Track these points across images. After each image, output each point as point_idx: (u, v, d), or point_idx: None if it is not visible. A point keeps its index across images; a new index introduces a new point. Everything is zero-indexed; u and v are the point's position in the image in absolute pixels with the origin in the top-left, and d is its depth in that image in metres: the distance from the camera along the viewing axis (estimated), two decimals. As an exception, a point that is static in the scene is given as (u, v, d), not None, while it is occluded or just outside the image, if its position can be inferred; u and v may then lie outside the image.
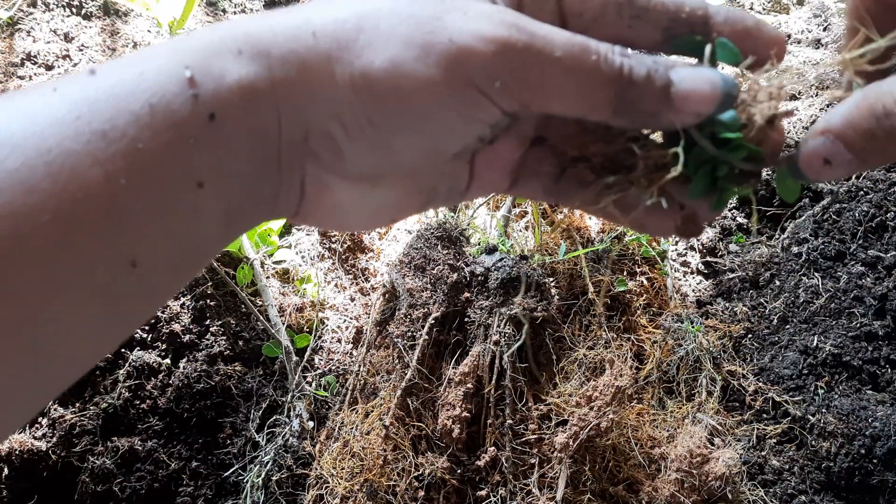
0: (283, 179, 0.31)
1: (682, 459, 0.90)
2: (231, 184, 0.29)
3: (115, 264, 0.25)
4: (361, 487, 0.86)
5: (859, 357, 1.03)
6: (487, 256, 0.99)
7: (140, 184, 0.26)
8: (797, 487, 0.95)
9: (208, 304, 1.09)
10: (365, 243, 1.28)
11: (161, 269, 0.27)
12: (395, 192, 0.34)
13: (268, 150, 0.30)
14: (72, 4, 1.52)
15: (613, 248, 1.17)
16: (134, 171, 0.25)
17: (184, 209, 0.27)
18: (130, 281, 0.26)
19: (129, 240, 0.26)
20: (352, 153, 0.31)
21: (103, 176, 0.25)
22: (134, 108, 0.26)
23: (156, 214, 0.26)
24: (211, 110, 0.27)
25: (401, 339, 0.93)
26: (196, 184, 0.27)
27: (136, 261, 0.26)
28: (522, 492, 0.87)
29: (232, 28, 0.29)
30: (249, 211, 0.31)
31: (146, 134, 0.26)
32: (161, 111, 0.26)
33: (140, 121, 0.26)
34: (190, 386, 1.00)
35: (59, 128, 0.25)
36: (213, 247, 0.31)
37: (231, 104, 0.28)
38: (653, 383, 1.05)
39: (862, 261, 1.12)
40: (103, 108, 0.25)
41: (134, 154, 0.25)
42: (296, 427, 0.99)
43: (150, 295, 0.28)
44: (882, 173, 1.23)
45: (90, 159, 0.24)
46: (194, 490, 0.96)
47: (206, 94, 0.27)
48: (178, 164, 0.27)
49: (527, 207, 1.28)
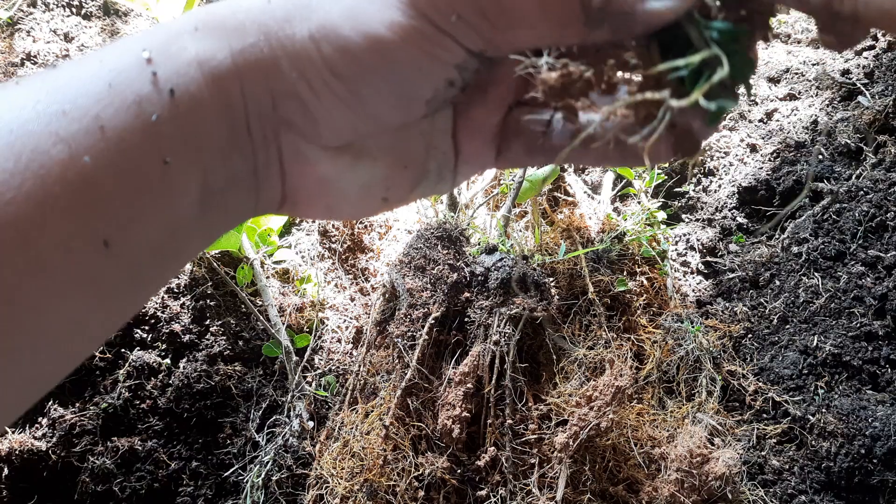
0: (258, 152, 0.31)
1: (682, 459, 0.90)
2: (201, 159, 0.28)
3: (89, 243, 0.25)
4: (361, 487, 0.86)
5: (859, 357, 1.03)
6: (487, 256, 0.99)
7: (106, 161, 0.25)
8: (797, 487, 0.95)
9: (208, 304, 1.09)
10: (365, 243, 1.28)
11: (137, 249, 0.27)
12: (381, 168, 0.34)
13: (235, 121, 0.29)
14: (72, 4, 1.52)
15: (613, 248, 1.17)
16: (98, 149, 0.25)
17: (152, 187, 0.27)
18: (108, 262, 0.26)
19: (100, 218, 0.25)
20: (323, 112, 0.30)
21: (67, 153, 0.25)
22: (94, 89, 0.26)
23: (124, 193, 0.26)
24: (170, 86, 0.27)
25: (401, 338, 0.93)
26: (162, 160, 0.27)
27: (109, 240, 0.26)
28: (522, 492, 0.87)
29: (193, 12, 0.30)
30: (228, 190, 0.30)
31: (108, 112, 0.26)
32: (121, 90, 0.26)
33: (101, 100, 0.26)
34: (190, 386, 1.00)
35: (19, 112, 0.25)
36: (194, 229, 0.30)
37: (190, 78, 0.28)
38: (653, 383, 1.04)
39: (862, 261, 1.12)
40: (64, 91, 0.26)
41: (97, 132, 0.25)
42: (296, 427, 0.99)
43: (133, 278, 0.28)
44: (882, 173, 1.23)
45: (53, 138, 0.24)
46: (194, 490, 0.96)
47: (165, 71, 0.27)
48: (142, 141, 0.26)
49: (527, 207, 1.28)
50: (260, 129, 0.30)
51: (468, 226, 1.09)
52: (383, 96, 0.30)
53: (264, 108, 0.30)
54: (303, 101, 0.30)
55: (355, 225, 1.28)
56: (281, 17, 0.29)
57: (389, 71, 0.29)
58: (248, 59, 0.29)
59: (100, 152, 0.25)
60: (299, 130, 0.31)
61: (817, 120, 1.39)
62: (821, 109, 1.42)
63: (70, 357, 0.27)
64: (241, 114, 0.29)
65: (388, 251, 1.27)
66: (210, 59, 0.28)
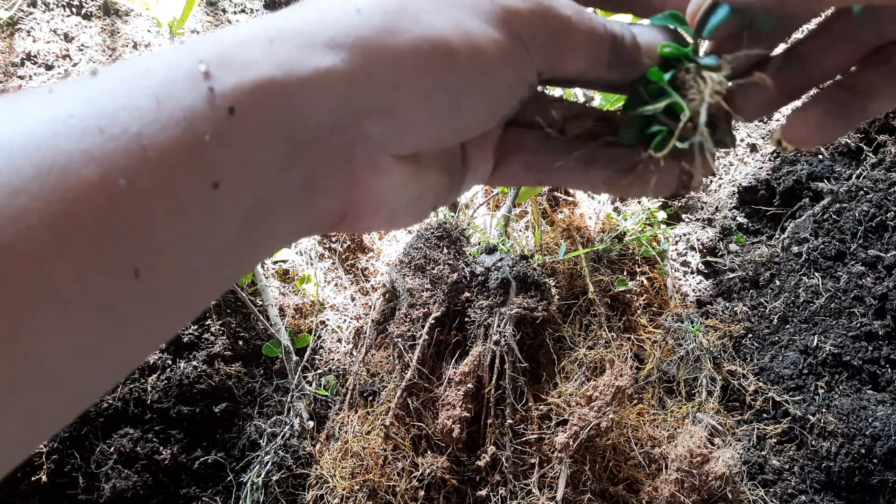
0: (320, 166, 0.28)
1: (683, 459, 0.90)
2: (254, 180, 0.26)
3: (114, 273, 0.23)
4: (361, 487, 0.86)
5: (859, 357, 1.03)
6: (487, 256, 0.99)
7: (144, 185, 0.23)
8: (797, 487, 0.95)
9: (208, 304, 1.09)
10: (365, 243, 1.28)
11: (168, 278, 0.25)
12: (432, 174, 0.34)
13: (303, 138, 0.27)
14: (72, 4, 1.52)
15: (613, 248, 1.17)
16: (136, 171, 0.23)
17: (196, 213, 0.25)
18: (134, 292, 0.24)
19: (131, 246, 0.23)
20: (414, 124, 0.30)
21: (99, 176, 0.22)
22: (138, 102, 0.23)
23: (162, 219, 0.24)
24: (230, 104, 0.25)
25: (401, 338, 0.93)
26: (212, 184, 0.25)
27: (139, 270, 0.23)
28: (522, 492, 0.87)
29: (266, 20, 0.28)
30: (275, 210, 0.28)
31: (151, 130, 0.23)
32: (169, 106, 0.24)
33: (144, 116, 0.23)
34: (190, 386, 1.00)
35: (50, 125, 0.22)
36: (233, 254, 0.27)
37: (257, 97, 0.25)
38: (653, 383, 1.05)
39: (862, 260, 1.12)
40: (102, 104, 0.23)
41: (136, 152, 0.23)
42: (296, 427, 0.99)
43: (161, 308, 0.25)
44: (882, 173, 1.23)
45: (85, 157, 0.22)
46: (195, 490, 0.96)
47: (224, 87, 0.25)
48: (189, 163, 0.24)
49: (527, 207, 1.28)
50: (332, 144, 0.28)
51: (468, 226, 1.09)
52: (479, 110, 0.31)
53: (345, 123, 0.28)
54: (393, 114, 0.29)
55: (355, 225, 1.28)
56: (379, 27, 0.28)
57: (489, 86, 0.30)
58: (332, 74, 0.27)
59: (138, 175, 0.23)
60: (379, 141, 0.30)
61: (817, 120, 1.39)
62: (821, 109, 1.42)
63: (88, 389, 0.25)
64: (312, 131, 0.27)
65: (388, 251, 1.27)
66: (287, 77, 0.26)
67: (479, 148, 0.36)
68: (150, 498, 0.94)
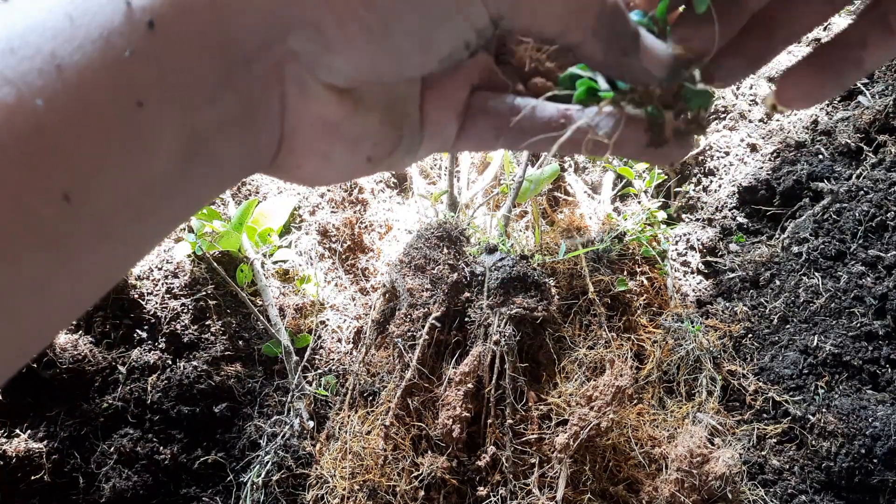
0: (254, 88, 0.28)
1: (683, 459, 0.90)
2: (183, 99, 0.25)
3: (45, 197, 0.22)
4: (362, 487, 0.86)
5: (859, 357, 1.03)
6: (487, 256, 0.99)
7: (63, 104, 0.22)
8: (797, 487, 0.95)
9: (208, 304, 1.09)
10: (365, 243, 1.28)
11: (105, 204, 0.24)
12: (372, 121, 0.32)
13: (232, 55, 0.26)
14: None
15: (613, 248, 1.17)
16: (53, 90, 0.22)
17: (121, 132, 0.24)
18: (70, 218, 0.23)
19: (57, 168, 0.23)
20: (343, 44, 0.28)
21: (16, 97, 0.22)
22: (50, 23, 0.23)
23: (86, 139, 0.23)
24: (150, 17, 0.24)
25: (401, 338, 0.93)
26: (134, 102, 0.24)
27: (70, 193, 0.23)
28: (522, 492, 0.87)
29: None
30: (217, 136, 0.27)
31: (67, 48, 0.23)
32: (84, 23, 0.23)
33: (59, 35, 0.23)
34: (190, 386, 1.00)
35: None
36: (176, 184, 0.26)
37: (180, 11, 0.25)
38: (653, 383, 1.05)
39: (862, 260, 1.12)
40: (13, 26, 0.23)
41: (51, 72, 0.22)
42: (296, 427, 0.99)
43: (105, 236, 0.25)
44: (882, 173, 1.23)
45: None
46: (195, 490, 0.96)
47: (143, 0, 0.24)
48: (109, 80, 0.23)
49: (527, 207, 1.28)
50: (262, 62, 0.27)
51: (468, 226, 1.09)
52: (409, 36, 0.29)
53: (273, 38, 0.27)
54: (321, 31, 0.28)
55: (355, 225, 1.28)
56: None
57: (421, 8, 0.28)
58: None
59: (55, 94, 0.22)
60: (309, 62, 0.29)
61: (817, 119, 1.39)
62: (821, 109, 1.42)
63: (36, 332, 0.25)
64: (240, 46, 0.26)
65: (388, 251, 1.27)
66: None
67: (440, 108, 0.34)
68: (150, 498, 0.94)
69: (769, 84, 1.54)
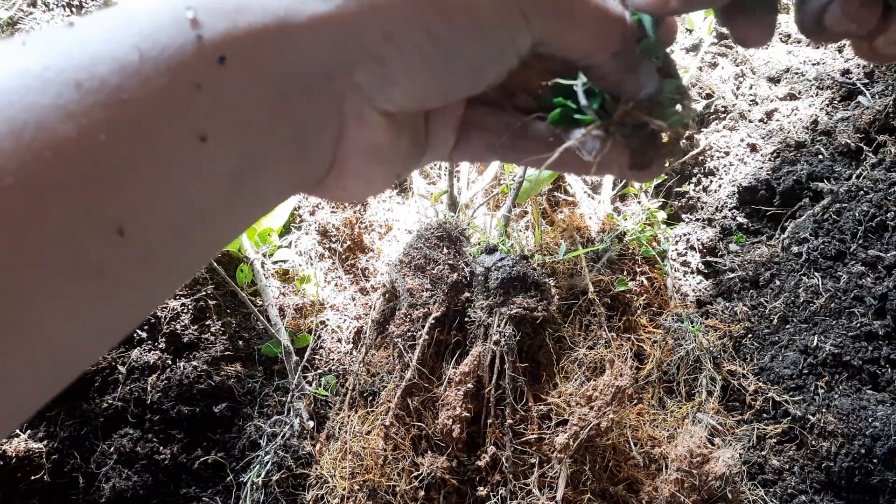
0: (311, 116, 0.28)
1: (682, 459, 0.90)
2: (243, 131, 0.25)
3: (99, 233, 0.22)
4: (361, 487, 0.86)
5: (859, 357, 1.03)
6: (487, 256, 0.99)
7: (125, 140, 0.22)
8: (797, 487, 0.95)
9: (208, 304, 1.09)
10: (365, 243, 1.28)
11: (155, 236, 0.24)
12: (405, 140, 0.33)
13: (293, 86, 0.26)
14: (72, 4, 1.52)
15: (613, 248, 1.17)
16: (117, 126, 0.22)
17: (182, 167, 0.24)
18: (121, 252, 0.23)
19: (114, 203, 0.22)
20: (404, 75, 0.29)
21: (77, 131, 0.21)
22: (117, 53, 0.22)
23: (146, 174, 0.23)
24: (221, 53, 0.24)
25: (401, 338, 0.93)
26: (198, 137, 0.23)
27: (124, 228, 0.22)
28: (522, 492, 0.87)
29: None
30: (267, 163, 0.27)
31: (132, 83, 0.22)
32: (152, 57, 0.22)
33: (125, 69, 0.22)
34: (190, 386, 1.00)
35: (23, 80, 0.21)
36: (223, 211, 0.26)
37: (249, 46, 0.24)
38: (653, 383, 1.05)
39: (862, 260, 1.12)
40: (78, 57, 0.22)
41: (116, 106, 0.22)
42: (296, 427, 0.99)
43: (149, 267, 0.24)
44: (882, 173, 1.23)
45: (61, 113, 0.21)
46: (195, 490, 0.96)
47: (214, 34, 0.24)
48: (175, 115, 0.23)
49: (527, 207, 1.28)
50: (324, 93, 0.27)
51: (468, 226, 1.09)
52: (465, 66, 0.30)
53: (337, 69, 0.27)
54: (385, 63, 0.28)
55: (355, 225, 1.28)
56: None
57: (479, 41, 0.30)
58: (327, 19, 0.26)
59: (119, 130, 0.22)
60: (369, 93, 0.29)
61: (817, 120, 1.39)
62: (821, 109, 1.42)
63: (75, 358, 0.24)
64: (303, 76, 0.26)
65: (388, 251, 1.27)
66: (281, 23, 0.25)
67: (442, 124, 0.36)
68: (150, 498, 0.94)
69: (769, 84, 1.54)
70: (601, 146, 0.35)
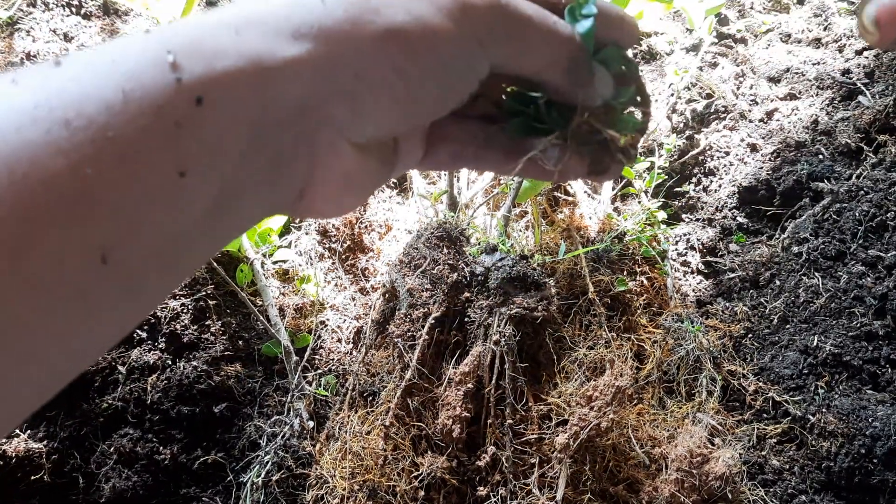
0: (284, 149, 0.29)
1: (682, 459, 0.90)
2: (220, 166, 0.27)
3: (84, 258, 0.24)
4: (361, 487, 0.86)
5: (859, 357, 1.03)
6: (487, 256, 0.99)
7: (111, 174, 0.24)
8: (797, 487, 0.95)
9: (208, 304, 1.09)
10: (365, 243, 1.28)
11: (137, 262, 0.25)
12: (373, 162, 0.35)
13: (268, 123, 0.28)
14: (71, 4, 1.52)
15: (613, 248, 1.17)
16: (104, 161, 0.23)
17: (162, 200, 0.25)
18: (103, 275, 0.24)
19: (98, 232, 0.24)
20: (374, 111, 0.31)
21: (67, 167, 0.23)
22: (103, 94, 0.24)
23: (129, 206, 0.24)
24: (198, 94, 0.25)
25: (401, 338, 0.93)
26: (178, 172, 0.25)
27: (106, 254, 0.24)
28: (522, 492, 0.87)
29: (230, 9, 0.28)
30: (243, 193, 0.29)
31: (117, 121, 0.24)
32: (136, 98, 0.24)
33: (111, 108, 0.24)
34: (190, 386, 1.00)
35: (15, 116, 0.23)
36: (201, 237, 0.28)
37: (225, 87, 0.26)
38: (653, 383, 1.04)
39: (862, 260, 1.12)
40: (67, 96, 0.24)
41: (102, 143, 0.23)
42: (296, 427, 0.99)
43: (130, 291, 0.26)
44: (882, 173, 1.23)
45: (52, 149, 0.23)
46: (195, 490, 0.96)
47: (192, 77, 0.25)
48: (157, 152, 0.25)
49: (527, 207, 1.28)
50: (297, 126, 0.29)
51: (468, 226, 1.09)
52: (430, 96, 0.33)
53: (311, 106, 0.29)
54: (356, 100, 0.30)
55: (355, 225, 1.28)
56: (342, 19, 0.29)
57: (442, 73, 0.32)
58: (299, 62, 0.28)
59: (105, 165, 0.23)
60: (341, 126, 0.31)
61: (818, 119, 1.39)
62: (821, 109, 1.42)
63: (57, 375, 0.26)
64: (277, 112, 0.28)
65: (388, 251, 1.27)
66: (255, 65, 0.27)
67: (410, 139, 0.38)
68: (150, 498, 0.94)
69: (769, 84, 1.53)
70: (560, 154, 0.37)
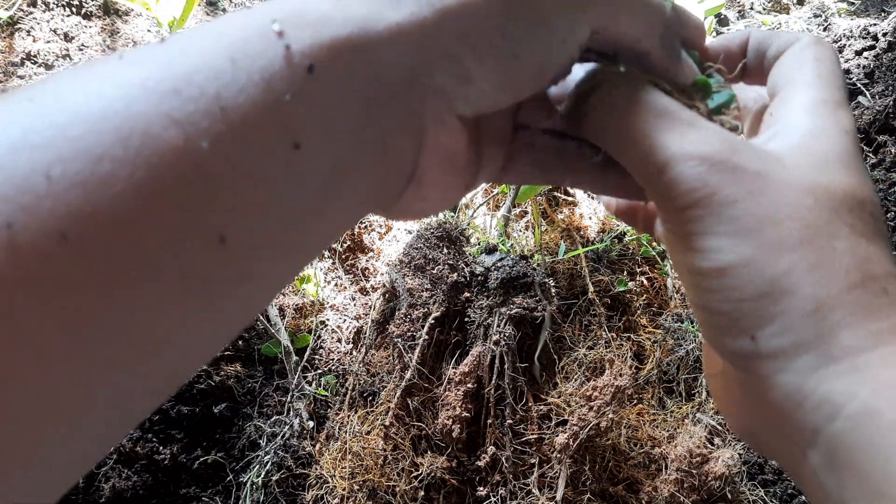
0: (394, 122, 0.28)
1: (682, 459, 0.90)
2: (334, 138, 0.26)
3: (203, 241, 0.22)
4: (361, 487, 0.86)
5: (859, 357, 1.03)
6: (487, 256, 0.99)
7: (227, 147, 0.22)
8: (797, 487, 0.95)
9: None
10: (365, 243, 1.28)
11: (252, 245, 0.24)
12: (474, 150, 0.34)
13: (380, 93, 0.27)
14: (72, 4, 1.52)
15: (613, 248, 1.17)
16: (217, 133, 0.22)
17: (279, 175, 0.24)
18: (221, 260, 0.23)
19: (218, 212, 0.22)
20: (481, 76, 0.30)
21: (182, 138, 0.21)
22: (212, 64, 0.23)
23: (246, 182, 0.23)
24: (309, 62, 0.24)
25: (401, 338, 0.93)
26: (292, 144, 0.24)
27: (225, 236, 0.22)
28: (522, 492, 0.87)
29: None
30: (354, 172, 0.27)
31: (230, 91, 0.23)
32: (245, 65, 0.23)
33: (221, 77, 0.23)
34: (190, 386, 1.00)
35: (126, 89, 0.21)
36: (315, 218, 0.26)
37: (335, 54, 0.25)
38: (653, 383, 1.05)
39: (862, 261, 1.12)
40: (176, 67, 0.22)
41: (216, 114, 0.22)
42: (296, 427, 0.99)
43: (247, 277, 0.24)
44: (882, 173, 1.23)
45: (165, 119, 0.21)
46: (195, 490, 0.96)
47: (301, 45, 0.24)
48: (270, 123, 0.23)
49: (527, 207, 1.28)
50: (406, 97, 0.28)
51: (468, 226, 1.09)
52: (532, 59, 0.31)
53: (417, 73, 0.28)
54: (461, 64, 0.29)
55: (355, 224, 1.28)
56: None
57: (544, 34, 0.31)
58: (405, 26, 0.27)
59: (219, 137, 0.22)
60: (449, 96, 0.30)
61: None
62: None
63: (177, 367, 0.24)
64: (386, 82, 0.27)
65: (388, 251, 1.27)
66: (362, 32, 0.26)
67: (494, 144, 0.36)
68: (150, 498, 0.94)
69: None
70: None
